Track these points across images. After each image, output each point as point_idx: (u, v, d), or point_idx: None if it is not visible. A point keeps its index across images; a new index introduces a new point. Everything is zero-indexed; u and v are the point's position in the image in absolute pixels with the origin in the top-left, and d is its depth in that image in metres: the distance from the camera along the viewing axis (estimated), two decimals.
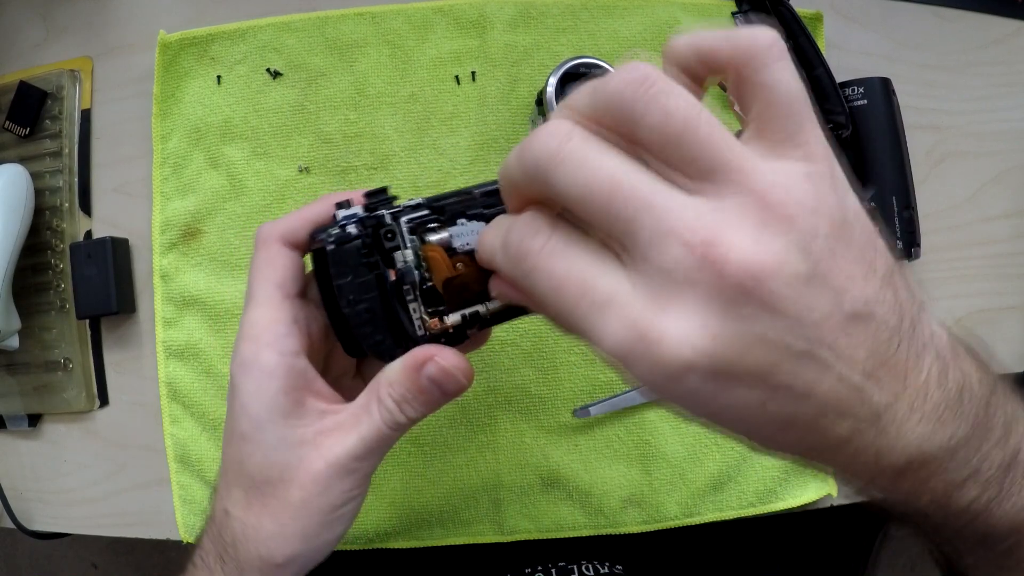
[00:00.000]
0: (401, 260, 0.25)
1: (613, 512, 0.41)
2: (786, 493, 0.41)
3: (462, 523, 0.41)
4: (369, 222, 0.25)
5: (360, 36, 0.42)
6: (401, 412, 0.26)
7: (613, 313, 0.18)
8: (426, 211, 0.26)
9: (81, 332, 0.44)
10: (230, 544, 0.27)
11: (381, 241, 0.25)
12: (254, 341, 0.26)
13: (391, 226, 0.25)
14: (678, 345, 0.17)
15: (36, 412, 0.44)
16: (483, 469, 0.41)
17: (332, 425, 0.26)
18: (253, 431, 0.26)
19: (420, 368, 0.25)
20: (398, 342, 0.26)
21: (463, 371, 0.25)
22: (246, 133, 0.42)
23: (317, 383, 0.27)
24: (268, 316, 0.27)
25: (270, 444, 0.26)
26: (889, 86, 0.42)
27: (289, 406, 0.26)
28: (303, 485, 0.25)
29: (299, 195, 0.42)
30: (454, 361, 0.25)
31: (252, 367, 0.26)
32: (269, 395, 0.26)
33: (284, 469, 0.26)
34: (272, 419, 0.26)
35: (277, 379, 0.26)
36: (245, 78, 0.42)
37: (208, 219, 0.42)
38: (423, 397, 0.25)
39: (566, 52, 0.42)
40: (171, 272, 0.42)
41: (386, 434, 0.26)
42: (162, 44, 0.42)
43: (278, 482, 0.26)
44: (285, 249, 0.28)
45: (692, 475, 0.41)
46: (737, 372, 0.18)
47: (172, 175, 0.43)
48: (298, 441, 0.26)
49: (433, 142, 0.42)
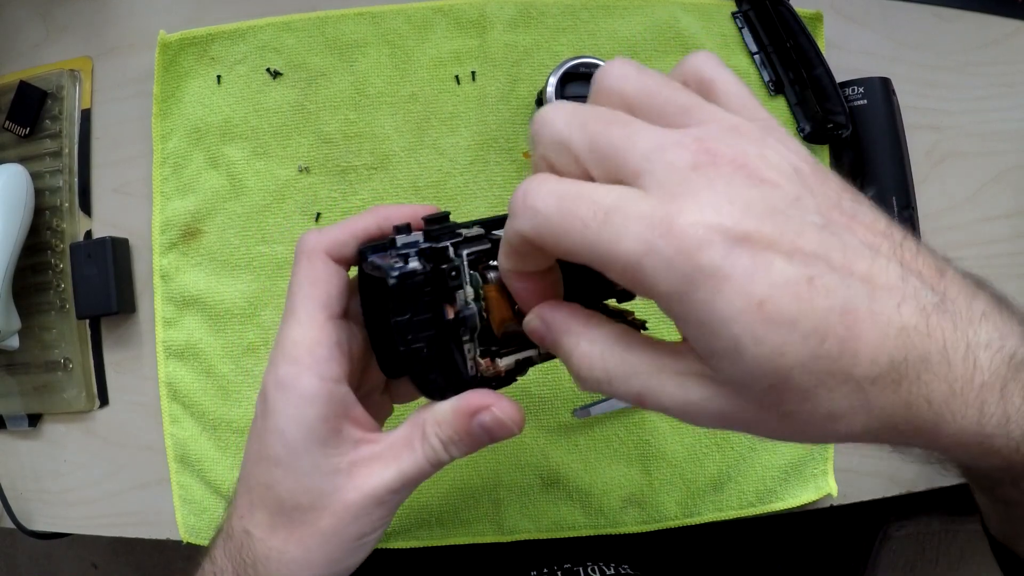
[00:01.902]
0: (462, 300, 0.24)
1: (613, 512, 0.41)
2: (786, 493, 0.41)
3: (462, 523, 0.41)
4: (432, 256, 0.24)
5: (360, 36, 0.42)
6: (446, 452, 0.25)
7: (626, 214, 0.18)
8: (487, 244, 0.25)
9: (81, 332, 0.44)
10: (251, 564, 0.26)
11: (444, 278, 0.24)
12: (295, 363, 0.25)
13: (456, 264, 0.24)
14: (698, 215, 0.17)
15: (36, 412, 0.44)
16: (483, 469, 0.41)
17: (369, 455, 0.26)
18: (287, 456, 0.25)
19: (473, 414, 0.24)
20: (449, 382, 0.25)
21: (517, 422, 0.25)
22: (246, 133, 0.42)
23: (356, 410, 0.26)
24: (310, 337, 0.25)
25: (304, 471, 0.25)
26: (889, 86, 0.42)
27: (327, 434, 0.25)
28: (335, 513, 0.25)
29: (299, 195, 0.42)
30: (510, 412, 0.25)
31: (291, 391, 0.25)
32: (307, 421, 0.25)
33: (317, 497, 0.25)
34: (308, 447, 0.25)
35: (317, 406, 0.25)
36: (245, 78, 0.42)
37: (208, 219, 0.42)
38: (470, 440, 0.25)
39: (566, 52, 0.42)
40: (171, 272, 0.42)
41: (426, 471, 0.25)
42: (162, 44, 0.42)
43: (308, 509, 0.25)
44: (331, 264, 0.27)
45: (692, 475, 0.41)
46: (765, 235, 0.17)
47: (172, 175, 0.43)
48: (333, 470, 0.25)
49: (433, 142, 0.42)
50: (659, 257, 0.17)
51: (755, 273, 0.17)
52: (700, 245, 0.17)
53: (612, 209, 0.18)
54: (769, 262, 0.17)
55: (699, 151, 0.18)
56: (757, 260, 0.17)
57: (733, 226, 0.17)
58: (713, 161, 0.18)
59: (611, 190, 0.19)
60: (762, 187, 0.18)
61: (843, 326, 0.17)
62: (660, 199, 0.18)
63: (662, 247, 0.17)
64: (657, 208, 0.17)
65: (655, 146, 0.18)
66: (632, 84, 0.21)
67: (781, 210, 0.18)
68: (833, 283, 0.17)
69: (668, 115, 0.20)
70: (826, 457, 0.41)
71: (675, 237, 0.17)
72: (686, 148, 0.18)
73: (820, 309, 0.17)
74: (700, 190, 0.17)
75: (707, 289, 0.17)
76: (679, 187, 0.18)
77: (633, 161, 0.19)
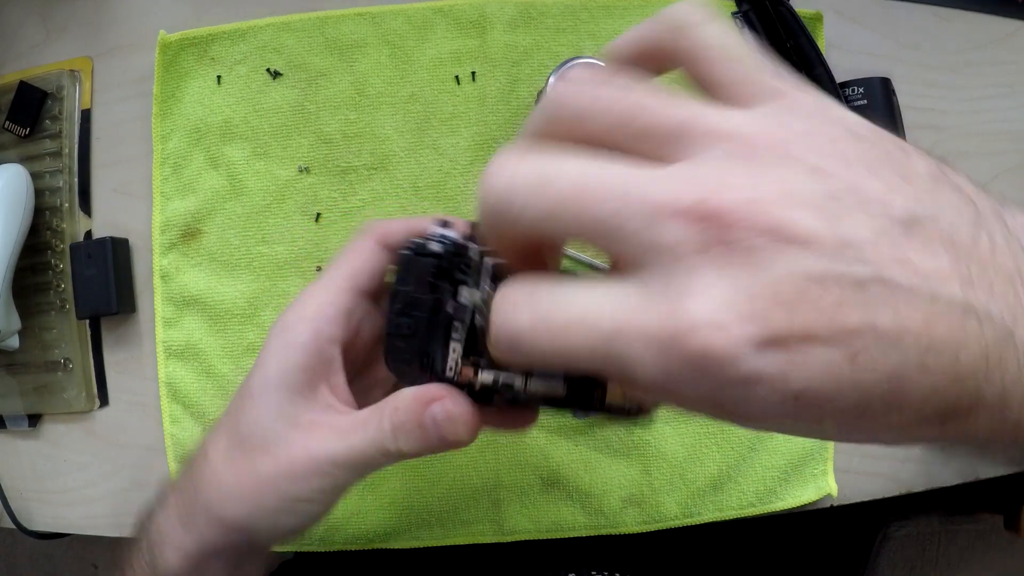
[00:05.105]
0: (466, 298, 0.24)
1: (613, 512, 0.41)
2: (786, 493, 0.41)
3: (462, 523, 0.41)
4: (454, 248, 0.24)
5: (360, 36, 0.42)
6: (394, 439, 0.24)
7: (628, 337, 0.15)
8: None
9: (81, 332, 0.44)
10: (191, 482, 0.27)
11: (456, 269, 0.24)
12: (298, 312, 0.27)
13: (472, 260, 0.24)
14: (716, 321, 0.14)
15: (36, 412, 0.44)
16: (483, 469, 0.41)
17: (328, 423, 0.26)
18: (259, 391, 0.26)
19: (429, 403, 0.24)
20: (423, 371, 0.25)
21: (468, 425, 0.24)
22: (246, 133, 0.42)
23: (337, 377, 0.27)
24: (323, 298, 0.27)
25: (267, 409, 0.26)
26: (889, 86, 0.42)
27: (301, 384, 0.26)
28: (276, 462, 0.25)
29: (299, 195, 0.42)
30: (462, 411, 0.23)
31: (285, 333, 0.26)
32: (288, 365, 0.26)
33: (269, 438, 0.25)
34: (279, 389, 0.26)
35: (301, 354, 0.26)
36: (245, 78, 0.42)
37: (208, 219, 0.42)
38: (420, 433, 0.24)
39: (566, 52, 0.42)
40: (171, 272, 0.42)
41: (371, 455, 0.25)
42: (162, 44, 0.42)
43: (257, 447, 0.25)
44: (375, 246, 0.28)
45: (692, 475, 0.41)
46: (798, 329, 0.14)
47: (172, 175, 0.43)
48: (292, 421, 0.25)
49: (433, 142, 0.42)
50: (681, 380, 0.15)
51: (789, 372, 0.14)
52: (723, 362, 0.14)
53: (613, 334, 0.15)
54: (804, 355, 0.14)
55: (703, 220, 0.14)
56: (791, 357, 0.14)
57: (759, 331, 0.14)
58: (722, 235, 0.14)
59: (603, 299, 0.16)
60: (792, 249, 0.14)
61: (888, 393, 0.15)
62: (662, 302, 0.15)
63: (681, 372, 0.14)
64: (665, 319, 0.14)
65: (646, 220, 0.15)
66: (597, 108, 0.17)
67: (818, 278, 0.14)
68: (880, 353, 0.14)
69: (652, 147, 0.16)
70: (826, 457, 0.41)
71: (694, 357, 0.14)
72: (685, 219, 0.15)
73: (864, 384, 0.14)
74: (712, 283, 0.14)
75: (736, 399, 0.15)
76: (684, 280, 0.15)
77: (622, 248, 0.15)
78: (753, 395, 0.15)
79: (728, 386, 0.14)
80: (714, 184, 0.15)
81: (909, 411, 0.15)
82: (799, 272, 0.14)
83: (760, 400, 0.15)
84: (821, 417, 0.15)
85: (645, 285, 0.15)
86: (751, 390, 0.14)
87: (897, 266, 0.14)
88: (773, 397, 0.14)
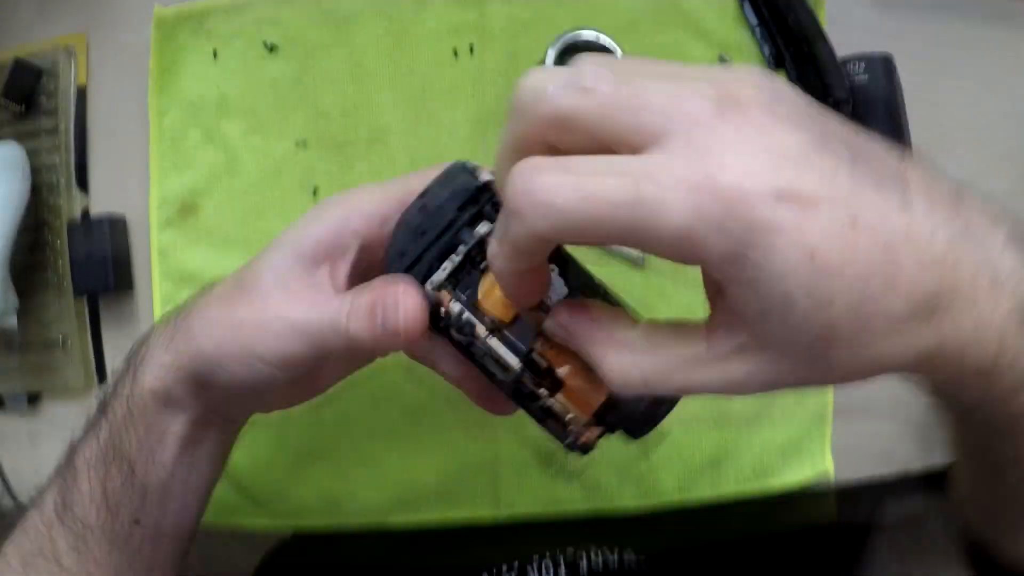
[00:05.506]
0: (481, 231, 0.25)
1: (610, 488, 0.41)
2: (784, 469, 0.41)
3: (459, 498, 0.41)
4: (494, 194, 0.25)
5: (357, 8, 0.42)
6: (347, 318, 0.25)
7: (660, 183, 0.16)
8: None
9: (79, 310, 0.44)
10: (184, 308, 0.28)
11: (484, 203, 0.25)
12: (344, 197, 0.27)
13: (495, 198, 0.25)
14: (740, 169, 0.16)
15: (35, 391, 0.45)
16: (481, 444, 0.41)
17: (310, 296, 0.26)
18: (275, 246, 0.27)
19: (387, 290, 0.24)
20: (411, 267, 0.25)
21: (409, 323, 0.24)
22: (243, 108, 0.42)
23: (342, 267, 0.27)
24: (371, 196, 0.27)
25: (269, 263, 0.27)
26: (891, 64, 0.42)
27: (307, 255, 0.26)
28: (252, 311, 0.26)
29: (296, 170, 0.42)
30: (412, 306, 0.24)
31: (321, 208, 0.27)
32: (305, 233, 0.27)
33: (256, 289, 0.26)
34: (289, 250, 0.27)
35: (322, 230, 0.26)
36: (241, 52, 0.42)
37: (205, 195, 0.42)
38: (369, 317, 0.24)
39: (566, 25, 0.42)
40: (169, 249, 0.42)
41: (326, 332, 0.25)
42: (158, 19, 0.42)
43: (246, 293, 0.26)
44: None
45: (689, 452, 0.41)
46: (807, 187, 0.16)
47: (169, 151, 0.43)
48: (283, 281, 0.26)
49: (431, 116, 0.42)
50: (711, 222, 0.16)
51: (804, 224, 0.16)
52: (751, 202, 0.16)
53: (642, 181, 0.16)
54: (815, 209, 0.16)
55: (720, 96, 0.17)
56: (804, 209, 0.16)
57: (776, 178, 0.16)
58: (737, 105, 0.17)
59: (630, 160, 0.17)
60: (791, 130, 0.17)
61: (886, 263, 0.17)
62: (692, 157, 0.16)
63: (712, 211, 0.16)
64: (694, 168, 0.16)
65: (671, 98, 0.17)
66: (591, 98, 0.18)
67: (815, 153, 0.17)
68: (874, 220, 0.17)
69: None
70: (823, 435, 0.41)
71: (723, 197, 0.16)
72: (705, 95, 0.17)
73: (865, 250, 0.16)
74: (733, 141, 0.16)
75: (761, 247, 0.16)
76: (709, 139, 0.16)
77: (651, 120, 0.17)
78: (776, 245, 0.16)
79: (753, 231, 0.16)
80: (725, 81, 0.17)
81: (902, 294, 0.17)
82: (802, 144, 0.17)
83: (781, 253, 0.16)
84: (831, 296, 0.16)
85: (668, 147, 0.17)
86: (774, 238, 0.16)
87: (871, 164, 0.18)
88: (792, 251, 0.16)
